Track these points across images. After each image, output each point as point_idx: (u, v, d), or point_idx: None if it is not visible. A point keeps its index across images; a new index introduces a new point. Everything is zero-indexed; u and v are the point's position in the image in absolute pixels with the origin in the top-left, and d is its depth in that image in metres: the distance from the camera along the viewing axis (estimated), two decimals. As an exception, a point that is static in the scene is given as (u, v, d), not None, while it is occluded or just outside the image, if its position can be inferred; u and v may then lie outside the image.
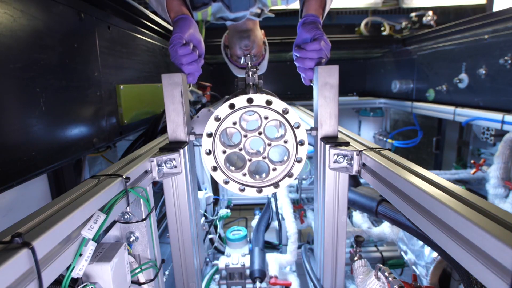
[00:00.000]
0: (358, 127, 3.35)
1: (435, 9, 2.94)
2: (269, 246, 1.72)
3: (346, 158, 0.71)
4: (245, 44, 1.56)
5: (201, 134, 0.71)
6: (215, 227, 1.59)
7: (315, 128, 0.78)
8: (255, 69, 0.82)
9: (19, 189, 0.91)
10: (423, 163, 2.85)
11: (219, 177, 0.72)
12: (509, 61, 1.56)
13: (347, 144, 0.73)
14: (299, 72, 0.93)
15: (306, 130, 0.72)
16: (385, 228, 1.46)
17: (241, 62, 1.65)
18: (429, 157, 2.77)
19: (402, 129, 2.96)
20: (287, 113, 0.68)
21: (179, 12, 0.96)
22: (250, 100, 0.67)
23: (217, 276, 1.38)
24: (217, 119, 0.69)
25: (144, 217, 0.63)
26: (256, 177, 0.73)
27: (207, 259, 1.43)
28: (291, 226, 1.43)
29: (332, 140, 0.74)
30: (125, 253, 0.59)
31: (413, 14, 2.86)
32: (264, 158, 0.71)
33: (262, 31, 1.68)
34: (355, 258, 0.94)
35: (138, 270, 0.64)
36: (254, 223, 1.68)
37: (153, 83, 1.49)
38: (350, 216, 1.67)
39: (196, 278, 0.87)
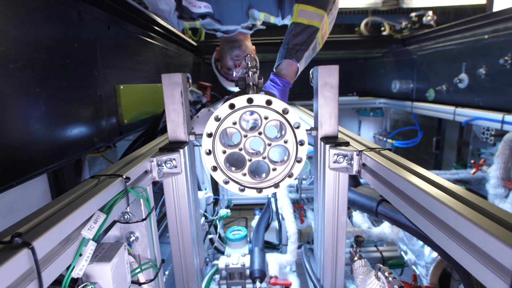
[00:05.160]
0: (358, 127, 3.35)
1: (435, 9, 2.94)
2: (269, 246, 1.72)
3: (346, 158, 0.71)
4: (236, 54, 1.56)
5: (201, 134, 0.71)
6: (215, 227, 1.58)
7: (315, 128, 0.78)
8: (255, 69, 0.82)
9: (19, 189, 0.91)
10: (423, 163, 2.85)
11: (219, 177, 0.72)
12: (509, 61, 1.56)
13: (347, 144, 0.73)
14: None
15: (306, 130, 0.71)
16: (385, 228, 1.45)
17: (233, 75, 1.65)
18: (429, 157, 2.77)
19: (402, 129, 2.96)
20: (287, 113, 0.68)
21: None
22: (250, 100, 0.67)
23: (217, 276, 1.38)
24: (217, 119, 0.69)
25: (144, 217, 0.63)
26: (256, 177, 0.73)
27: (207, 259, 1.43)
28: (291, 226, 1.43)
29: (332, 140, 0.74)
30: (125, 253, 0.59)
31: (413, 14, 2.86)
32: (264, 158, 0.71)
33: (254, 47, 1.68)
34: (355, 258, 0.94)
35: (138, 270, 0.64)
36: (254, 223, 1.68)
37: (153, 83, 1.49)
38: (350, 216, 1.67)
39: (196, 278, 0.87)
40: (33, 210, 0.43)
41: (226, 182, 0.73)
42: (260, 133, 0.70)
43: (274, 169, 0.72)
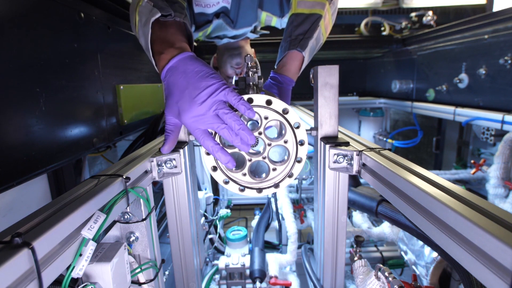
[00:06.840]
0: (358, 127, 3.35)
1: (435, 9, 2.94)
2: (269, 246, 1.72)
3: (346, 158, 0.71)
4: (236, 62, 1.50)
5: (201, 134, 0.71)
6: (215, 227, 1.58)
7: (315, 128, 0.78)
8: (255, 69, 0.82)
9: (19, 189, 0.91)
10: (423, 163, 2.85)
11: (219, 177, 0.72)
12: (509, 61, 1.56)
13: (347, 144, 0.73)
14: None
15: (306, 130, 0.71)
16: (385, 228, 1.45)
17: (233, 83, 1.62)
18: (429, 157, 2.77)
19: (402, 129, 2.96)
20: (287, 113, 0.68)
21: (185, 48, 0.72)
22: (250, 100, 0.67)
23: (217, 276, 1.38)
24: (217, 119, 0.69)
25: (144, 217, 0.63)
26: (256, 177, 0.73)
27: (207, 259, 1.43)
28: (291, 226, 1.43)
29: (332, 140, 0.74)
30: (125, 253, 0.59)
31: (413, 14, 2.86)
32: (264, 158, 0.71)
33: (253, 49, 1.64)
34: (355, 258, 0.94)
35: (138, 270, 0.64)
36: (254, 223, 1.68)
37: (153, 83, 1.49)
38: (350, 216, 1.67)
39: (196, 278, 0.88)
40: (33, 210, 0.43)
41: (226, 182, 0.73)
42: (260, 133, 0.70)
43: (274, 169, 0.72)
